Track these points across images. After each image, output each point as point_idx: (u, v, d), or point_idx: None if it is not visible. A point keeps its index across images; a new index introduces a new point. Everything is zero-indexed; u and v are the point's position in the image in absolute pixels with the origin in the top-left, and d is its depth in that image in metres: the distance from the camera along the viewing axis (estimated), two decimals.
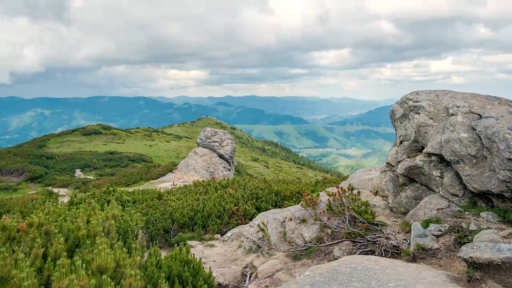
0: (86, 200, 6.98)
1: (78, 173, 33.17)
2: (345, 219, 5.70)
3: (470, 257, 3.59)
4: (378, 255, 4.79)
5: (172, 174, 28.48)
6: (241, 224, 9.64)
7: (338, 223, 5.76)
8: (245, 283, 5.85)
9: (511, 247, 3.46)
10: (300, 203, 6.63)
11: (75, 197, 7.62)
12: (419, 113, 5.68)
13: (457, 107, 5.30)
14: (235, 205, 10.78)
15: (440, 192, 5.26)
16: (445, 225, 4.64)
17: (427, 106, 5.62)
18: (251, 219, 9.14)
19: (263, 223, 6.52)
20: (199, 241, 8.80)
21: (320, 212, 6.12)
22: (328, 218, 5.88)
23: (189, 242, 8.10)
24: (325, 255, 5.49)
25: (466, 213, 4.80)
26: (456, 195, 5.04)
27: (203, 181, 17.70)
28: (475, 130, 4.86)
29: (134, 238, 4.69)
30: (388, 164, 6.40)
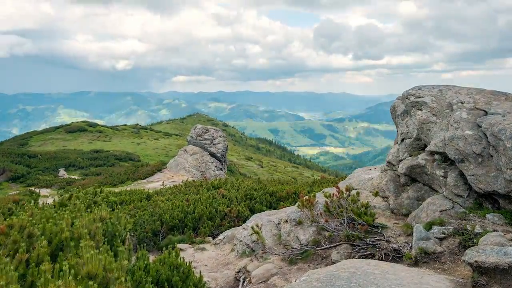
0: (71, 201, 6.66)
1: (62, 172, 32.35)
2: (344, 221, 5.52)
3: (475, 261, 3.47)
4: (378, 259, 4.66)
5: (161, 174, 28.01)
6: (234, 226, 9.42)
7: (336, 226, 5.59)
8: None
9: None
10: (296, 204, 6.44)
11: (67, 198, 7.33)
12: (421, 109, 5.53)
13: (462, 103, 5.16)
14: (227, 207, 10.51)
15: (444, 192, 5.11)
16: (449, 227, 4.52)
17: (430, 102, 5.46)
18: (244, 221, 8.90)
19: (257, 225, 6.33)
20: (190, 244, 8.54)
21: (317, 214, 5.93)
22: (326, 220, 5.70)
23: (179, 245, 7.84)
24: (323, 259, 5.36)
25: (471, 214, 4.68)
26: (461, 196, 4.89)
27: (194, 181, 17.37)
28: (480, 127, 4.72)
29: (122, 242, 4.45)
30: (389, 163, 6.23)
